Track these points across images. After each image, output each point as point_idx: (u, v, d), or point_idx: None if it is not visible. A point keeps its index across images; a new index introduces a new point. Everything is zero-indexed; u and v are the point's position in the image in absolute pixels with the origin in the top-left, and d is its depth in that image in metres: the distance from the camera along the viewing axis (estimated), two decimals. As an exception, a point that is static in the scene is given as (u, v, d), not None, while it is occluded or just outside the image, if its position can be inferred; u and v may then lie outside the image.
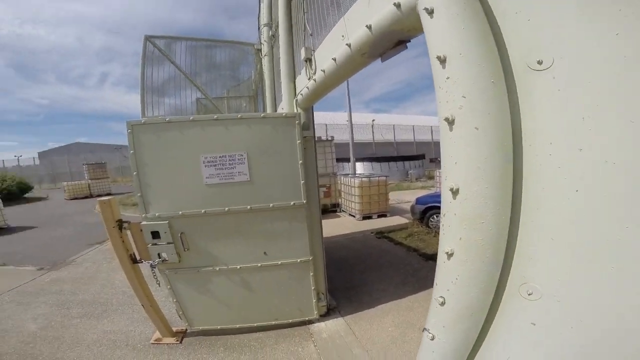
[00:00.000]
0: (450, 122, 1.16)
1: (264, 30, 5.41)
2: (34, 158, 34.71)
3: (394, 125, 31.12)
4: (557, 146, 1.05)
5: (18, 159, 32.59)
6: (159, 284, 3.43)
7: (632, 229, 0.93)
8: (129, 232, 3.38)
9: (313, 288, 3.69)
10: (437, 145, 31.16)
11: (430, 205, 7.76)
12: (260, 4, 5.63)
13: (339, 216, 10.40)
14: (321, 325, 3.85)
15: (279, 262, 3.49)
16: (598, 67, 0.92)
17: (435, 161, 28.22)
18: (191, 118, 3.09)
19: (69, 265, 6.66)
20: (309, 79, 3.10)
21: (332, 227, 8.62)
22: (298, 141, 3.23)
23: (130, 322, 4.18)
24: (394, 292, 4.63)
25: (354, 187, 9.52)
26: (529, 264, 1.22)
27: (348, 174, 12.17)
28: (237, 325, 3.73)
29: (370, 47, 1.89)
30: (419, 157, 27.83)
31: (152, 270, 3.35)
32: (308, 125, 3.60)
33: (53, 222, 11.74)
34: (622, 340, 1.00)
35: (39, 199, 20.02)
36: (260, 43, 5.84)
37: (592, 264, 1.03)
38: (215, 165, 3.06)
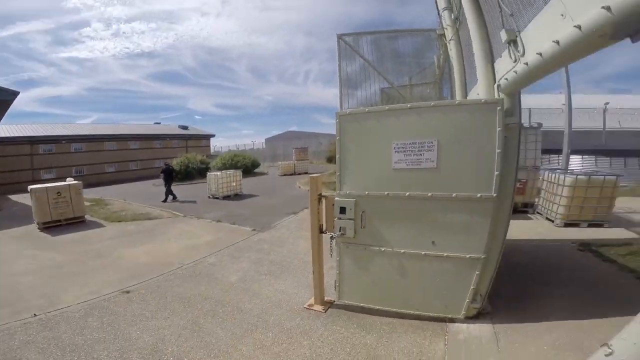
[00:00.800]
0: None
1: (445, 14, 5.09)
2: (262, 142, 47.01)
3: (637, 110, 22.27)
4: None
5: (253, 143, 45.42)
6: (331, 254, 3.92)
7: None
8: (323, 206, 3.99)
9: (472, 287, 3.36)
10: None
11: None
12: (435, -12, 5.28)
13: (530, 218, 8.65)
14: (462, 326, 3.51)
15: (445, 254, 3.34)
16: None
17: None
18: (387, 108, 3.34)
19: (271, 229, 8.29)
20: (514, 61, 2.78)
21: (520, 229, 7.26)
22: (498, 129, 2.91)
23: (297, 285, 4.85)
24: (573, 311, 3.62)
25: (563, 185, 7.59)
26: None
27: (556, 169, 9.79)
28: (377, 307, 3.81)
29: (612, 29, 1.49)
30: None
31: (331, 241, 3.86)
32: (512, 111, 3.16)
33: (268, 193, 15.28)
34: None
35: (263, 174, 26.68)
36: (443, 28, 5.54)
37: None
38: (404, 152, 3.21)
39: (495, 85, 3.37)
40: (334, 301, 4.15)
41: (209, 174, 14.55)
